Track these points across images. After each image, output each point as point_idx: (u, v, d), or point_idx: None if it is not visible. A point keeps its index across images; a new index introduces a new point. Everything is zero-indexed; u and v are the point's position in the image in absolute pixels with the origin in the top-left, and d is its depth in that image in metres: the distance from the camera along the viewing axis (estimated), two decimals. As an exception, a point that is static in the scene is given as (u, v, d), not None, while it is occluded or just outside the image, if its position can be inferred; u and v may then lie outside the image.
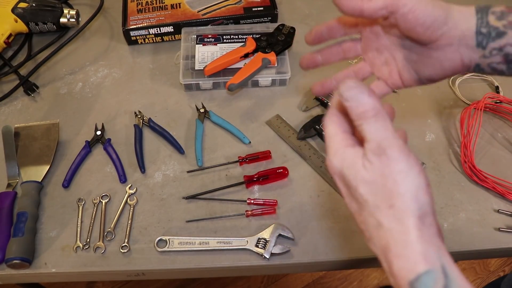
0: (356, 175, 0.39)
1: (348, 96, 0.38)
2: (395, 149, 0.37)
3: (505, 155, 0.81)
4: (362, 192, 0.38)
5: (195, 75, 0.89)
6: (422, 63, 0.50)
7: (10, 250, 0.67)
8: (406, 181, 0.36)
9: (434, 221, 0.37)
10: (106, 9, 1.07)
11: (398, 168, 0.37)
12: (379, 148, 0.37)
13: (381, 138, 0.37)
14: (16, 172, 0.78)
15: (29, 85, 0.90)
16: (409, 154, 0.37)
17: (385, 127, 0.38)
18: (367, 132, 0.38)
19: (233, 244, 0.69)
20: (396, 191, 0.36)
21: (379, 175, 0.37)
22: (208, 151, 0.82)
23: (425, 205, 0.36)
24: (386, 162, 0.37)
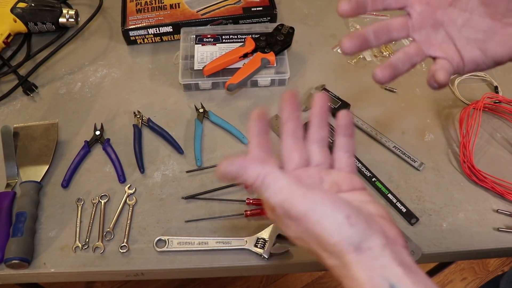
0: (286, 233, 0.40)
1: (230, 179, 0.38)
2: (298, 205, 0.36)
3: (504, 155, 0.81)
4: (300, 245, 0.39)
5: (194, 75, 0.89)
6: (493, 42, 0.44)
7: (9, 250, 0.66)
8: (326, 228, 0.35)
9: (373, 242, 0.35)
10: (105, 9, 1.06)
11: (311, 221, 0.36)
12: (284, 211, 0.37)
13: (281, 202, 0.36)
14: (15, 172, 0.78)
15: (28, 85, 0.89)
16: (313, 200, 0.36)
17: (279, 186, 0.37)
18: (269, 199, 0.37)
19: (232, 244, 0.69)
20: (323, 241, 0.36)
21: (302, 232, 0.37)
22: (207, 151, 0.82)
23: (354, 236, 0.35)
24: (298, 222, 0.36)
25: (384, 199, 0.75)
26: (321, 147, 0.46)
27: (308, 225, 0.36)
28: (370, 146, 0.82)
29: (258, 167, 0.37)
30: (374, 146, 0.82)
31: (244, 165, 0.37)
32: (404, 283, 0.34)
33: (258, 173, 0.37)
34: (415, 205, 0.75)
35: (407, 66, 0.47)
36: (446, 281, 1.64)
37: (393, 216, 0.74)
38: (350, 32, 1.00)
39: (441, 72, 0.45)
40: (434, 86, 0.46)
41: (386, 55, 0.96)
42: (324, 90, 0.88)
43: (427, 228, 0.72)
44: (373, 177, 0.77)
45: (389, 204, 0.75)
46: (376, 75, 0.46)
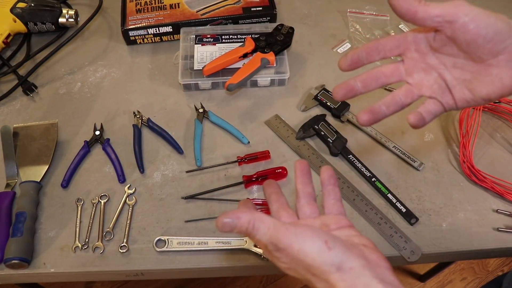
0: (279, 266, 0.45)
1: (228, 230, 0.43)
2: (282, 238, 0.41)
3: (504, 155, 0.81)
4: (291, 275, 0.44)
5: (194, 75, 0.89)
6: (478, 82, 0.46)
7: (9, 250, 0.66)
8: (308, 254, 0.40)
9: (353, 262, 0.40)
10: (105, 9, 1.06)
11: (295, 250, 0.41)
12: (273, 246, 0.42)
13: (269, 238, 0.42)
14: (15, 172, 0.78)
15: (28, 85, 0.89)
16: (294, 231, 0.42)
17: (266, 227, 0.42)
18: (260, 241, 0.43)
19: (232, 244, 0.69)
20: (307, 265, 0.41)
21: (290, 261, 0.42)
22: (207, 151, 0.82)
23: (334, 258, 0.40)
24: (286, 253, 0.42)
25: (383, 199, 0.75)
26: (309, 201, 0.52)
27: (293, 254, 0.41)
28: (370, 146, 0.82)
29: (248, 215, 0.43)
30: (373, 146, 0.82)
31: (237, 215, 0.42)
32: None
33: (249, 220, 0.42)
34: (414, 205, 0.75)
35: (393, 109, 0.51)
36: (445, 281, 1.64)
37: (393, 216, 0.74)
38: (349, 33, 1.00)
39: (414, 116, 0.49)
40: (411, 125, 0.50)
41: (386, 55, 0.96)
42: (323, 90, 0.88)
43: (426, 228, 0.72)
44: (372, 177, 0.77)
45: (389, 204, 0.75)
46: (360, 118, 0.51)
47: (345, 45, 0.98)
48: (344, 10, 1.05)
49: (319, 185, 0.55)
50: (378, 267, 0.41)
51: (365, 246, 0.44)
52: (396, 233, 0.71)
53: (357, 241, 0.45)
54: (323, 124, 0.83)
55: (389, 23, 1.03)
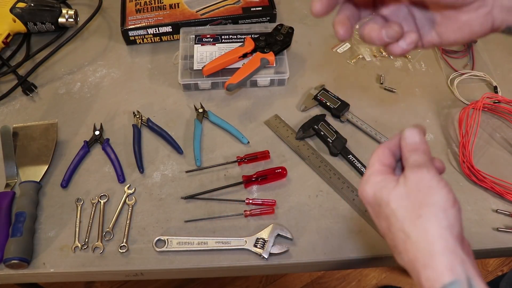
0: (389, 192, 0.42)
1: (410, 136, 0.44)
2: (431, 170, 0.41)
3: (503, 155, 0.81)
4: (394, 206, 0.41)
5: (194, 75, 0.89)
6: (447, 27, 0.45)
7: (9, 250, 0.66)
8: (436, 194, 0.40)
9: (460, 235, 0.39)
10: (104, 9, 1.06)
11: (430, 183, 0.40)
12: (416, 163, 0.42)
13: (421, 161, 0.42)
14: (15, 172, 0.78)
15: (28, 85, 0.89)
16: (441, 178, 0.42)
17: (427, 158, 0.42)
18: (412, 159, 0.43)
19: (231, 244, 0.69)
20: (426, 202, 0.39)
21: (413, 186, 0.41)
22: (207, 151, 0.82)
23: (451, 216, 0.39)
24: (420, 177, 0.41)
25: (383, 199, 0.75)
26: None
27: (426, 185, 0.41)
28: (370, 146, 0.82)
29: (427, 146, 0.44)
30: (373, 146, 0.82)
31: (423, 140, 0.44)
32: (479, 283, 0.36)
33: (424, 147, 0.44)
34: (414, 205, 0.75)
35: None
36: (445, 281, 1.64)
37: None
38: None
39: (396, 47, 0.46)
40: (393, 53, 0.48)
41: (386, 55, 0.96)
42: (323, 90, 0.88)
43: (426, 228, 0.72)
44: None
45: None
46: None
47: (345, 45, 0.98)
48: (343, 10, 1.05)
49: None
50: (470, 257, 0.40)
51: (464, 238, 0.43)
52: (396, 233, 0.71)
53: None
54: (322, 124, 0.83)
55: (388, 23, 1.03)
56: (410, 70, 0.94)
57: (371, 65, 0.95)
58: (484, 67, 0.94)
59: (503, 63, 0.96)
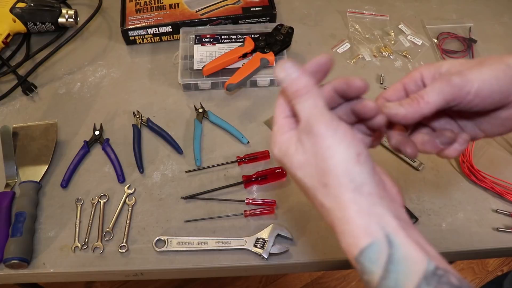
0: (291, 161, 0.39)
1: (282, 77, 0.39)
2: (322, 125, 0.37)
3: (503, 155, 0.81)
4: (300, 176, 0.39)
5: (194, 75, 0.89)
6: (489, 124, 0.46)
7: (8, 250, 0.66)
8: (334, 156, 0.36)
9: (374, 189, 0.36)
10: (104, 9, 1.06)
11: (325, 144, 0.37)
12: (307, 126, 0.38)
13: (309, 115, 0.38)
14: (15, 172, 0.78)
15: (28, 85, 0.89)
16: (336, 127, 0.37)
17: (314, 104, 0.38)
18: (299, 111, 0.39)
19: (231, 244, 0.69)
20: (327, 168, 0.36)
21: (311, 155, 0.37)
22: (207, 151, 0.82)
23: (357, 176, 0.36)
24: (314, 140, 0.37)
25: (383, 199, 0.75)
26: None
27: (321, 147, 0.37)
28: (370, 146, 0.82)
29: (311, 82, 0.39)
30: (373, 146, 0.82)
31: (303, 71, 0.39)
32: (399, 236, 0.34)
33: (306, 84, 0.39)
34: (414, 205, 0.75)
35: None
36: (445, 281, 1.64)
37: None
38: (349, 33, 1.00)
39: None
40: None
41: (386, 55, 0.96)
42: (323, 90, 0.88)
43: (426, 228, 0.72)
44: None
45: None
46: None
47: (345, 45, 0.98)
48: (343, 10, 1.05)
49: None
50: (395, 203, 0.38)
51: (386, 176, 0.42)
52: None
53: (378, 169, 0.41)
54: (322, 124, 0.83)
55: (388, 23, 1.03)
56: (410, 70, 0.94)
57: (371, 65, 0.95)
58: (484, 67, 0.94)
59: (503, 63, 0.95)
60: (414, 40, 0.99)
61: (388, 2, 1.08)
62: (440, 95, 0.41)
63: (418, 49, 0.98)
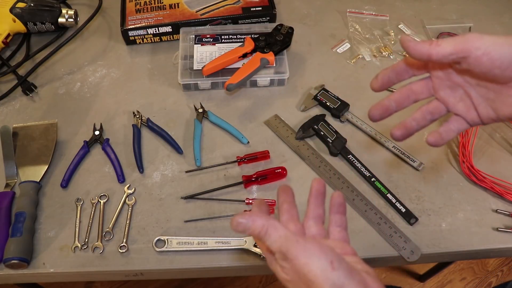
0: (281, 278, 0.45)
1: (241, 230, 0.44)
2: (291, 248, 0.42)
3: (503, 155, 0.81)
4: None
5: (194, 75, 0.89)
6: (501, 102, 0.48)
7: (8, 250, 0.66)
8: (312, 269, 0.41)
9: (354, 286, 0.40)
10: (104, 9, 1.06)
11: (301, 262, 0.41)
12: (281, 254, 0.43)
13: (279, 246, 0.43)
14: (14, 172, 0.78)
15: (28, 85, 0.89)
16: (304, 245, 0.42)
17: (278, 236, 0.43)
18: (269, 247, 0.44)
19: (231, 244, 0.69)
20: (309, 280, 0.41)
21: (293, 273, 0.43)
22: (207, 151, 0.82)
23: (336, 279, 0.40)
24: (292, 263, 0.42)
25: (383, 199, 0.75)
26: (317, 222, 0.52)
27: (298, 267, 0.41)
28: (369, 146, 0.82)
29: (263, 220, 0.44)
30: (373, 146, 0.82)
31: (253, 218, 0.44)
32: None
33: (262, 224, 0.44)
34: (414, 205, 0.75)
35: (422, 124, 0.55)
36: (445, 281, 1.64)
37: (393, 216, 0.74)
38: (349, 33, 1.00)
39: (432, 136, 0.54)
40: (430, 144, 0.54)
41: (386, 55, 0.96)
42: (323, 90, 0.88)
43: (426, 228, 0.72)
44: (372, 177, 0.77)
45: (388, 204, 0.75)
46: (393, 134, 0.56)
47: (345, 45, 0.98)
48: (343, 10, 1.05)
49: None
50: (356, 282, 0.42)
51: (367, 273, 0.45)
52: (396, 233, 0.71)
53: (360, 267, 0.46)
54: (322, 124, 0.83)
55: (388, 23, 1.03)
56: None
57: (371, 65, 0.95)
58: (484, 67, 0.94)
59: (503, 63, 0.96)
60: (414, 40, 0.99)
61: (388, 2, 1.08)
62: (452, 43, 0.44)
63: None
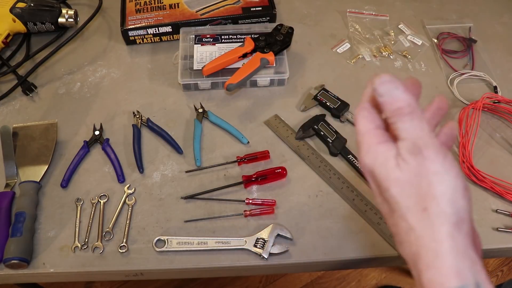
0: (388, 174, 0.37)
1: (383, 91, 0.36)
2: (432, 149, 0.35)
3: (503, 155, 0.81)
4: (394, 193, 0.36)
5: (194, 75, 0.89)
6: None
7: (8, 250, 0.66)
8: (443, 183, 0.34)
9: (471, 230, 0.35)
10: (104, 9, 1.06)
11: (434, 169, 0.35)
12: (414, 147, 0.35)
13: (417, 137, 0.36)
14: (14, 172, 0.78)
15: (28, 85, 0.89)
16: (445, 155, 0.35)
17: (421, 126, 0.36)
18: (402, 130, 0.36)
19: (231, 244, 0.69)
20: (431, 193, 0.34)
21: (413, 175, 0.35)
22: (207, 151, 0.82)
23: (462, 210, 0.34)
24: (422, 162, 0.35)
25: (383, 199, 0.75)
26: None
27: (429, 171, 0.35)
28: (369, 146, 0.82)
29: (414, 101, 0.37)
30: (373, 146, 0.82)
31: (405, 89, 0.37)
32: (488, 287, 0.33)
33: (410, 103, 0.36)
34: (414, 205, 0.75)
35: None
36: (445, 281, 1.64)
37: (392, 216, 0.73)
38: (349, 33, 1.00)
39: None
40: None
41: (386, 55, 0.96)
42: (323, 90, 0.88)
43: (426, 228, 0.72)
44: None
45: (388, 204, 0.75)
46: None
47: (345, 45, 0.98)
48: (343, 10, 1.05)
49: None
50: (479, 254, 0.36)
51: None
52: (396, 233, 0.71)
53: None
54: (322, 124, 0.83)
55: (388, 23, 1.03)
56: (410, 70, 0.94)
57: (371, 65, 0.95)
58: (484, 67, 0.94)
59: (503, 63, 0.96)
60: (414, 40, 0.99)
61: (388, 2, 1.08)
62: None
63: (418, 49, 0.98)
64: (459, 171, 0.35)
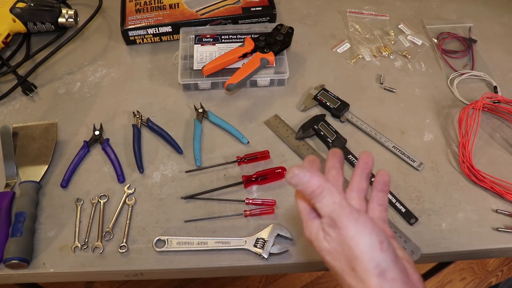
0: (320, 246, 0.44)
1: (295, 183, 0.42)
2: (343, 218, 0.41)
3: (503, 155, 0.81)
4: (328, 260, 0.44)
5: (194, 75, 0.89)
6: None
7: (8, 250, 0.66)
8: (358, 245, 0.40)
9: (397, 275, 0.40)
10: (104, 9, 1.06)
11: (349, 234, 0.41)
12: (330, 221, 0.42)
13: (330, 211, 0.42)
14: (14, 172, 0.78)
15: (28, 85, 0.89)
16: (357, 219, 0.41)
17: (332, 200, 0.42)
18: (320, 209, 0.43)
19: (231, 244, 0.69)
20: (354, 255, 0.40)
21: (337, 244, 0.42)
22: (207, 151, 0.82)
23: (382, 262, 0.39)
24: (339, 232, 0.41)
25: (383, 199, 0.75)
26: (359, 196, 0.50)
27: (345, 238, 0.41)
28: (369, 146, 0.82)
29: (321, 180, 0.42)
30: (373, 146, 0.82)
31: (311, 174, 0.42)
32: None
33: (319, 184, 0.42)
34: (414, 205, 0.75)
35: None
36: (445, 281, 1.64)
37: (393, 216, 0.74)
38: (349, 33, 1.00)
39: None
40: None
41: (386, 55, 0.96)
42: (323, 90, 0.88)
43: (426, 228, 0.72)
44: (372, 177, 0.77)
45: (388, 204, 0.75)
46: None
47: (345, 45, 0.98)
48: (343, 10, 1.05)
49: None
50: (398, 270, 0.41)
51: (408, 262, 0.44)
52: (396, 233, 0.71)
53: (400, 254, 0.44)
54: (322, 124, 0.83)
55: (388, 23, 1.03)
56: (410, 70, 0.94)
57: (371, 65, 0.95)
58: (484, 67, 0.94)
59: (503, 63, 0.96)
60: (414, 40, 0.99)
61: (388, 2, 1.08)
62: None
63: (418, 49, 0.98)
64: (373, 228, 0.41)
